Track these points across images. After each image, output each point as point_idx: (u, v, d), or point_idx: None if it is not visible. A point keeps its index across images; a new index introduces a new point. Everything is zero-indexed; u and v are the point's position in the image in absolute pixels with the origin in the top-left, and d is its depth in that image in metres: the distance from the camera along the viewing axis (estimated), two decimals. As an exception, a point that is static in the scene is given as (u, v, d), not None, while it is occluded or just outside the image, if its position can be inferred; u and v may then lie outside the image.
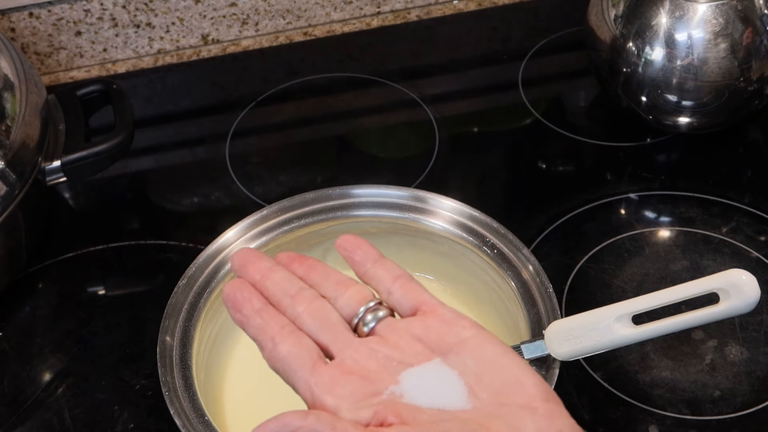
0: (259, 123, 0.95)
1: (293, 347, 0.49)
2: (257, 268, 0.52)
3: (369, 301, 0.51)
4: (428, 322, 0.50)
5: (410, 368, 0.48)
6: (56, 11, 0.96)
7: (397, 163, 0.90)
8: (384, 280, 0.52)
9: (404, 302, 0.51)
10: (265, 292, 0.52)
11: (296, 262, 0.53)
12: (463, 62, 1.00)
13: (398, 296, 0.51)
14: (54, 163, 0.79)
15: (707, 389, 0.71)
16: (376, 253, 0.53)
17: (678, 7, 0.80)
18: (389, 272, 0.52)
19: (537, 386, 0.47)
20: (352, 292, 0.51)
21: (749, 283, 0.58)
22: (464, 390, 0.47)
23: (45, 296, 0.81)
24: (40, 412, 0.72)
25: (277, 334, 0.49)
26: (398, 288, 0.51)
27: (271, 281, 0.52)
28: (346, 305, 0.51)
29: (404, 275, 0.52)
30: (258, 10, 1.01)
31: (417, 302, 0.51)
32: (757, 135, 0.90)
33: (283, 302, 0.51)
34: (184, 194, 0.88)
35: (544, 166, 0.88)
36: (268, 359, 0.50)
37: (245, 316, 0.51)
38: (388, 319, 0.50)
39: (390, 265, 0.53)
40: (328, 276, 0.52)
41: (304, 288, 0.51)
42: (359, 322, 0.50)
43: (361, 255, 0.53)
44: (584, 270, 0.78)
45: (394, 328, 0.50)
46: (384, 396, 0.47)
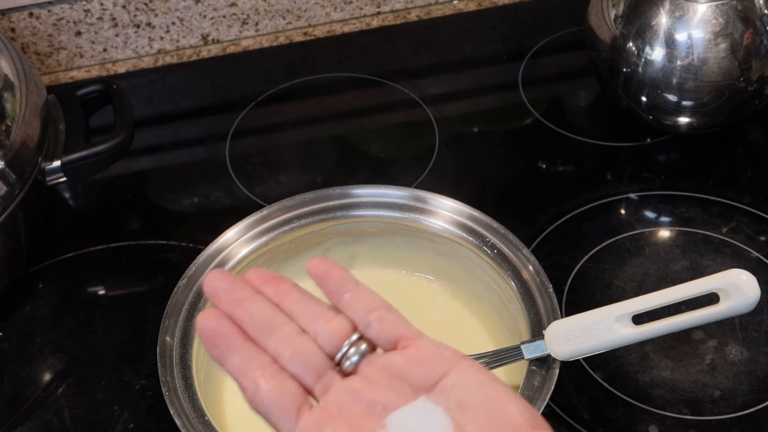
0: (259, 123, 0.95)
1: (276, 393, 0.47)
2: (232, 298, 0.50)
3: (352, 335, 0.49)
4: (409, 356, 0.48)
5: (395, 411, 0.47)
6: (56, 11, 0.96)
7: (397, 163, 0.90)
8: (360, 312, 0.49)
9: (383, 336, 0.49)
10: (243, 325, 0.49)
11: (269, 285, 0.51)
12: (463, 62, 1.00)
13: (376, 330, 0.49)
14: (54, 163, 0.79)
15: (707, 389, 0.71)
16: (350, 281, 0.50)
17: (678, 7, 0.80)
18: (365, 304, 0.50)
19: (523, 414, 0.46)
20: (333, 327, 0.49)
21: (749, 283, 0.58)
22: (450, 425, 0.46)
23: (45, 296, 0.81)
24: (40, 412, 0.72)
25: (260, 376, 0.48)
26: (376, 321, 0.49)
27: (249, 314, 0.49)
28: (327, 342, 0.49)
29: (381, 306, 0.50)
30: (258, 10, 1.01)
31: (396, 335, 0.49)
32: (757, 135, 0.90)
33: (263, 338, 0.49)
34: (184, 194, 0.88)
35: (544, 166, 0.88)
36: (249, 401, 0.48)
37: (222, 353, 0.49)
38: (370, 355, 0.49)
39: (365, 295, 0.50)
40: (306, 306, 0.50)
41: (284, 323, 0.49)
42: (343, 357, 0.49)
43: (335, 284, 0.50)
44: (584, 270, 0.78)
45: (377, 366, 0.48)
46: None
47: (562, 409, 0.70)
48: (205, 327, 0.49)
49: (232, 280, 0.51)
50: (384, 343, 0.49)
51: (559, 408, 0.70)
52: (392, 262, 0.76)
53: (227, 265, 0.72)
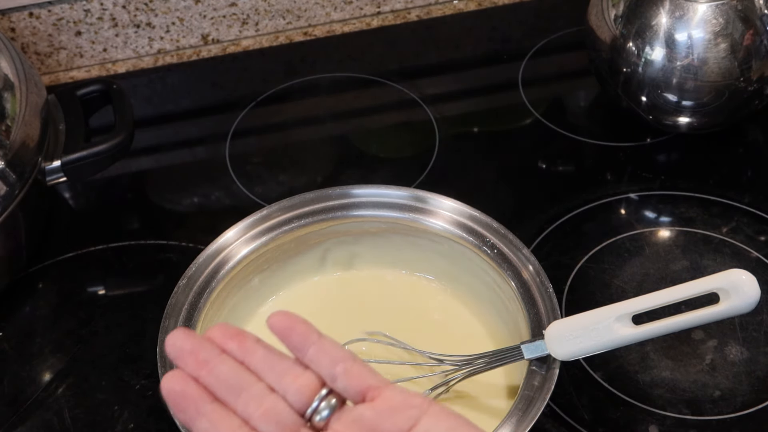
0: (259, 123, 0.95)
1: None
2: (197, 360, 0.49)
3: (321, 390, 0.48)
4: (378, 407, 0.48)
5: None
6: (56, 11, 0.96)
7: (397, 163, 0.90)
8: (325, 366, 0.49)
9: (350, 388, 0.48)
10: (210, 387, 0.48)
11: (232, 341, 0.50)
12: (463, 62, 1.00)
13: (343, 383, 0.48)
14: (54, 163, 0.79)
15: (707, 389, 0.71)
16: (313, 334, 0.50)
17: (678, 7, 0.80)
18: (329, 357, 0.49)
19: None
20: (301, 383, 0.48)
21: (749, 283, 0.58)
22: None
23: (45, 296, 0.81)
24: (40, 412, 0.72)
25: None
26: (341, 374, 0.48)
27: (215, 376, 0.48)
28: (297, 399, 0.48)
29: (346, 358, 0.49)
30: (258, 10, 1.01)
31: (363, 388, 0.48)
32: (757, 135, 0.90)
33: (231, 399, 0.48)
34: (184, 194, 0.88)
35: (544, 166, 0.88)
36: None
37: (191, 417, 0.48)
38: (340, 410, 0.48)
39: (330, 348, 0.49)
40: (272, 363, 0.49)
41: (252, 383, 0.48)
42: (313, 413, 0.48)
43: (298, 339, 0.49)
44: (584, 270, 0.78)
45: (347, 420, 0.48)
46: None
47: (562, 409, 0.70)
48: (170, 390, 0.48)
49: (196, 340, 0.50)
50: (352, 396, 0.49)
51: (559, 408, 0.70)
52: (392, 262, 0.76)
53: (227, 265, 0.72)
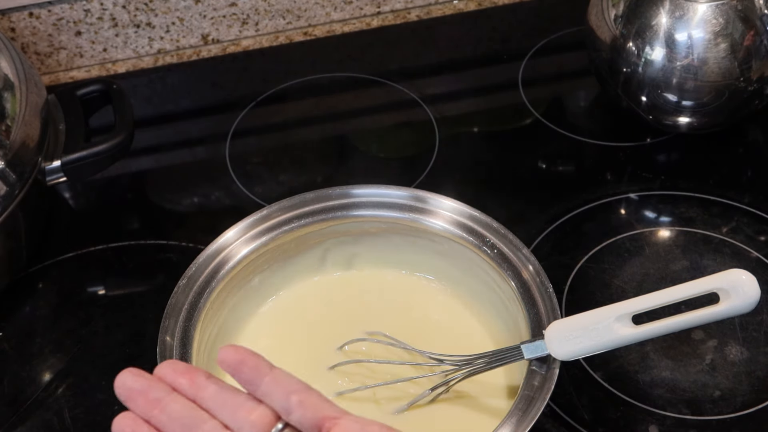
0: (259, 123, 0.95)
1: None
2: (147, 400, 0.48)
3: (273, 426, 0.48)
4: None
5: None
6: (56, 11, 0.96)
7: (397, 163, 0.90)
8: (279, 398, 0.48)
9: (306, 420, 0.47)
10: (162, 428, 0.48)
11: (182, 377, 0.49)
12: (463, 62, 1.00)
13: (299, 415, 0.47)
14: (54, 163, 0.79)
15: (707, 389, 0.71)
16: (264, 367, 0.49)
17: (678, 7, 0.80)
18: (282, 389, 0.48)
19: None
20: (255, 418, 0.47)
21: (749, 283, 0.58)
22: None
23: (45, 296, 0.81)
24: (40, 412, 0.72)
25: None
26: (296, 405, 0.48)
27: (167, 415, 0.48)
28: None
29: (299, 389, 0.48)
30: (258, 10, 1.01)
31: (319, 417, 0.48)
32: (757, 135, 0.90)
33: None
34: (184, 194, 0.88)
35: (544, 166, 0.88)
36: None
37: None
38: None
39: (283, 379, 0.48)
40: (224, 399, 0.48)
41: (205, 420, 0.48)
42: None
43: (248, 372, 0.48)
44: (584, 270, 0.78)
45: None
46: None
47: (562, 409, 0.70)
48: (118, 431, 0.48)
49: (145, 379, 0.49)
50: (308, 428, 0.48)
51: (559, 408, 0.70)
52: (392, 262, 0.76)
53: (227, 265, 0.72)
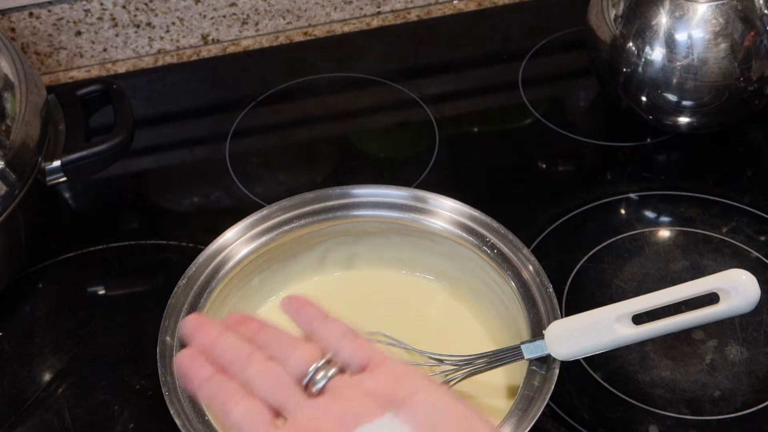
0: (259, 123, 0.95)
1: (245, 414, 0.49)
2: (206, 334, 0.52)
3: (318, 360, 0.50)
4: (378, 377, 0.49)
5: (363, 426, 0.47)
6: (56, 11, 0.96)
7: (397, 163, 0.90)
8: (331, 338, 0.51)
9: (352, 359, 0.50)
10: (215, 358, 0.51)
11: (244, 324, 0.53)
12: (463, 62, 1.00)
13: (346, 354, 0.50)
14: (54, 163, 0.79)
15: (707, 389, 0.71)
16: (321, 313, 0.53)
17: (678, 7, 0.80)
18: (336, 330, 0.51)
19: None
20: (301, 352, 0.50)
21: (749, 283, 0.58)
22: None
23: (45, 296, 0.81)
24: (40, 412, 0.72)
25: (229, 400, 0.49)
26: (346, 346, 0.51)
27: (221, 347, 0.51)
28: (296, 366, 0.50)
29: (350, 332, 0.51)
30: (258, 10, 1.01)
31: (365, 358, 0.50)
32: (757, 135, 0.90)
33: (233, 367, 0.51)
34: (184, 194, 0.88)
35: (544, 166, 0.88)
36: (221, 427, 0.50)
37: (196, 386, 0.51)
38: (339, 376, 0.50)
39: (336, 324, 0.52)
40: (276, 337, 0.52)
41: (253, 351, 0.51)
42: (309, 381, 0.50)
43: (306, 315, 0.52)
44: (584, 270, 0.78)
45: (345, 385, 0.49)
46: None
47: (562, 409, 0.70)
48: (180, 364, 0.52)
49: (208, 320, 0.53)
50: (354, 366, 0.50)
51: (559, 408, 0.70)
52: (392, 262, 0.76)
53: (227, 265, 0.72)
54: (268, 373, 0.50)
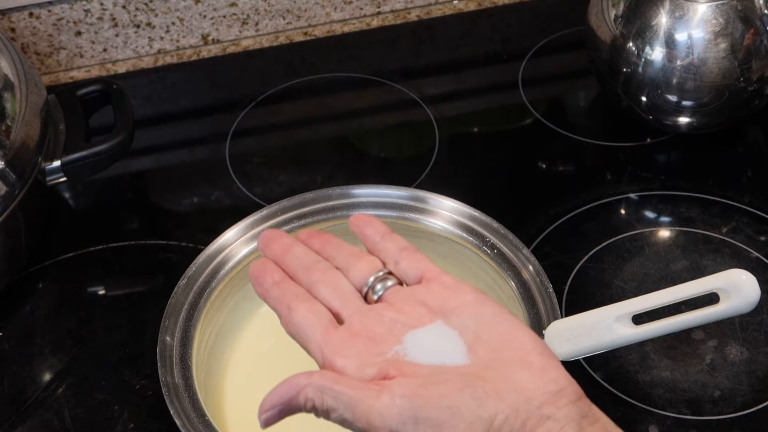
0: (259, 123, 0.95)
1: (307, 313, 0.52)
2: (279, 245, 0.57)
3: (378, 271, 0.54)
4: (432, 287, 0.53)
5: (414, 330, 0.51)
6: (56, 11, 0.96)
7: (397, 163, 0.90)
8: (391, 252, 0.55)
9: (410, 271, 0.54)
10: (285, 266, 0.56)
11: (314, 238, 0.58)
12: (463, 62, 1.00)
13: (404, 266, 0.55)
14: (54, 163, 0.79)
15: (707, 389, 0.71)
16: (384, 229, 0.57)
17: (678, 7, 0.80)
18: (396, 244, 0.56)
19: (533, 342, 0.50)
20: (363, 263, 0.55)
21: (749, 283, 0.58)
22: (464, 348, 0.50)
23: (45, 296, 0.81)
24: (40, 412, 0.72)
25: (293, 301, 0.53)
26: (404, 258, 0.55)
27: (291, 255, 0.56)
28: (357, 275, 0.54)
29: (410, 247, 0.56)
30: (258, 10, 1.01)
31: (422, 271, 0.54)
32: (757, 135, 0.90)
33: (300, 274, 0.55)
34: (184, 194, 0.88)
35: (544, 166, 0.88)
36: (284, 325, 0.53)
37: (266, 288, 0.55)
38: (396, 286, 0.54)
39: (397, 239, 0.56)
40: (341, 249, 0.56)
41: (319, 260, 0.55)
42: (369, 290, 0.54)
43: (371, 230, 0.57)
44: (584, 270, 0.78)
45: (401, 294, 0.53)
46: (389, 355, 0.50)
47: (562, 409, 0.70)
48: (253, 269, 0.56)
49: (283, 234, 0.58)
50: (411, 278, 0.54)
51: (559, 408, 0.70)
52: (392, 262, 0.76)
53: (227, 265, 0.72)
54: (331, 281, 0.54)
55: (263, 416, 0.50)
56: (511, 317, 0.51)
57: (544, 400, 0.48)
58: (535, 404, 0.47)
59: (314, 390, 0.49)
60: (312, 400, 0.49)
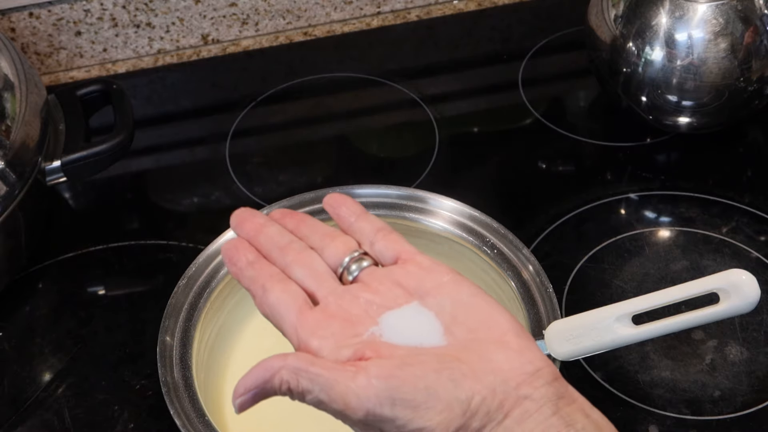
0: (259, 123, 0.95)
1: (281, 293, 0.52)
2: (252, 224, 0.56)
3: (353, 251, 0.54)
4: (408, 268, 0.53)
5: (390, 311, 0.51)
6: (56, 11, 0.96)
7: (397, 163, 0.90)
8: (367, 232, 0.55)
9: (386, 252, 0.54)
10: (259, 246, 0.55)
11: (288, 217, 0.57)
12: (463, 62, 1.00)
13: (380, 247, 0.54)
14: (54, 163, 0.79)
15: (707, 389, 0.71)
16: (359, 209, 0.56)
17: (678, 7, 0.80)
18: (371, 225, 0.55)
19: (509, 323, 0.50)
20: (338, 243, 0.54)
21: (749, 283, 0.58)
22: (440, 329, 0.50)
23: (45, 296, 0.81)
24: (40, 412, 0.72)
25: (267, 281, 0.52)
26: (380, 239, 0.54)
27: (264, 235, 0.55)
28: (332, 255, 0.54)
29: (385, 228, 0.55)
30: (258, 10, 1.01)
31: (398, 252, 0.54)
32: (757, 135, 0.90)
33: (274, 254, 0.54)
34: (184, 194, 0.88)
35: (544, 166, 0.88)
36: (258, 306, 0.53)
37: (239, 268, 0.54)
38: (371, 267, 0.53)
39: (372, 219, 0.56)
40: (315, 228, 0.55)
41: (293, 240, 0.55)
42: (344, 270, 0.53)
43: (345, 210, 0.56)
44: (584, 270, 0.78)
45: (376, 275, 0.53)
46: (364, 336, 0.50)
47: (562, 409, 0.70)
48: (226, 248, 0.55)
49: (253, 213, 0.57)
50: (387, 259, 0.54)
51: (559, 408, 0.70)
52: (392, 262, 0.76)
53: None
54: (306, 261, 0.53)
55: (237, 401, 0.49)
56: (488, 297, 0.51)
57: (521, 381, 0.48)
58: (512, 385, 0.48)
59: (289, 372, 0.48)
60: (287, 382, 0.48)
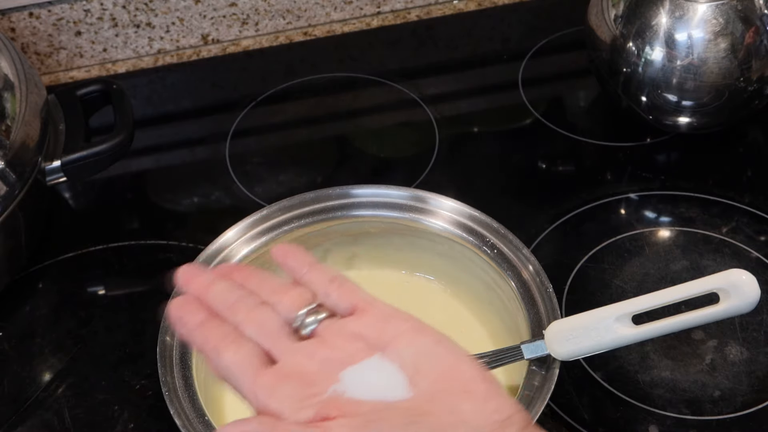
0: (259, 123, 0.95)
1: (235, 355, 0.50)
2: (199, 283, 0.53)
3: (308, 304, 0.51)
4: (366, 319, 0.51)
5: (351, 366, 0.49)
6: (56, 11, 0.96)
7: (397, 163, 0.90)
8: (319, 283, 0.52)
9: (341, 303, 0.52)
10: (208, 305, 0.52)
11: (236, 272, 0.55)
12: (463, 62, 1.00)
13: (335, 298, 0.52)
14: (54, 163, 0.79)
15: (707, 389, 0.71)
16: (309, 259, 0.54)
17: (678, 7, 0.80)
18: (324, 276, 0.53)
19: (472, 370, 0.49)
20: (290, 297, 0.51)
21: (749, 283, 0.58)
22: (404, 381, 0.48)
23: (45, 296, 0.81)
24: (40, 412, 0.72)
25: (220, 343, 0.50)
26: (334, 290, 0.52)
27: (213, 293, 0.52)
28: (286, 310, 0.51)
29: (339, 277, 0.53)
30: (258, 10, 1.01)
31: (354, 301, 0.52)
32: (757, 135, 0.90)
33: (225, 312, 0.52)
34: (184, 194, 0.88)
35: (544, 166, 0.88)
36: (213, 369, 0.51)
37: (189, 330, 0.52)
38: (328, 320, 0.51)
39: (324, 269, 0.53)
40: (267, 282, 0.53)
41: (243, 296, 0.52)
42: (300, 325, 0.51)
43: (294, 262, 0.54)
44: (584, 270, 0.78)
45: (334, 328, 0.50)
46: (326, 395, 0.48)
47: (562, 409, 0.70)
48: (173, 310, 0.53)
49: (200, 270, 0.54)
50: (343, 310, 0.51)
51: (559, 408, 0.70)
52: (392, 262, 0.76)
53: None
54: (258, 317, 0.51)
55: None
56: (451, 345, 0.50)
57: (491, 431, 0.47)
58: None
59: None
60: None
